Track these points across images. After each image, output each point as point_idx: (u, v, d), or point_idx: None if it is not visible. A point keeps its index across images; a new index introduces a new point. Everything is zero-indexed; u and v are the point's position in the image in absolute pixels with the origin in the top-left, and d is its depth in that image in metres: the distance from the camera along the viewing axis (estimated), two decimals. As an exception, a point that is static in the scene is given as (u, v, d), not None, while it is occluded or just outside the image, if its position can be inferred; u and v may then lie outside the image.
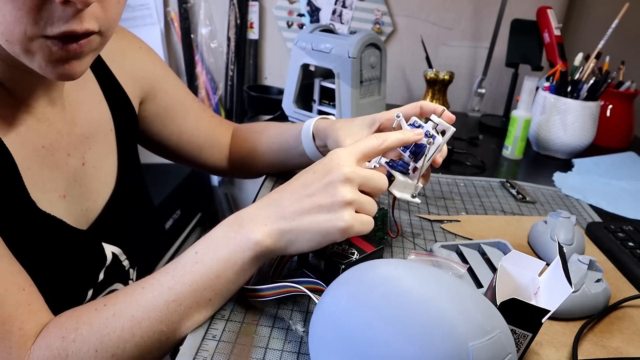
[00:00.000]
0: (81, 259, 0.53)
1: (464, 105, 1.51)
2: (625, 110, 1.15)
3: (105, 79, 0.60)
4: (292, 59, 1.05)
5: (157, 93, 0.68)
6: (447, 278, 0.37)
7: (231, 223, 0.46)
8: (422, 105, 0.58)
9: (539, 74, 1.14)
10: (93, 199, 0.56)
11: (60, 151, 0.52)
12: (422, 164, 0.54)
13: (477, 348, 0.32)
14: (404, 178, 0.55)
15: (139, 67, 0.65)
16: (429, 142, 0.53)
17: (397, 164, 0.55)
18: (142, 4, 1.53)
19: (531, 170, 0.99)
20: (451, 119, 0.55)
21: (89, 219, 0.56)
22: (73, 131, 0.54)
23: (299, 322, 0.48)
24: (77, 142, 0.54)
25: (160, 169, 1.50)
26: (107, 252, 0.56)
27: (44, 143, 0.50)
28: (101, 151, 0.58)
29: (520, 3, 1.38)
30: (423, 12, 1.48)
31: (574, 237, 0.61)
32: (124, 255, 0.59)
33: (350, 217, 0.43)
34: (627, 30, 1.14)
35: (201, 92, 1.63)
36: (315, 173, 0.45)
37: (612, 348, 0.48)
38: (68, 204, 0.52)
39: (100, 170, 0.57)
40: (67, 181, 0.53)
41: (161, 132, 0.70)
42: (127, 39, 0.65)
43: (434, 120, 0.54)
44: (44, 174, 0.49)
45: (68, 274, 0.51)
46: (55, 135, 0.51)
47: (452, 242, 0.62)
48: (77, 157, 0.54)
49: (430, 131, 0.53)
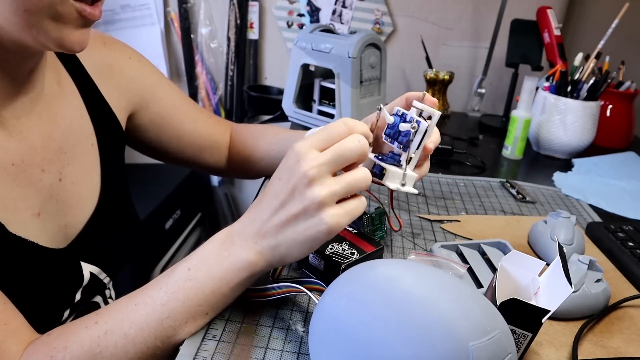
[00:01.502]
0: (57, 279, 0.51)
1: (464, 105, 1.51)
2: (625, 110, 1.15)
3: (89, 93, 0.58)
4: (292, 59, 1.05)
5: (149, 102, 0.67)
6: (447, 278, 0.37)
7: (223, 240, 0.44)
8: (407, 96, 0.56)
9: (539, 74, 1.14)
10: (72, 215, 0.54)
11: (33, 167, 0.50)
12: (410, 151, 0.52)
13: (477, 348, 0.32)
14: (396, 169, 0.53)
15: (127, 79, 0.64)
16: (414, 127, 0.50)
17: (387, 156, 0.54)
18: (142, 4, 1.53)
19: (531, 170, 0.99)
20: (434, 102, 0.53)
21: (69, 235, 0.54)
22: (49, 145, 0.52)
23: (299, 322, 0.48)
24: (53, 157, 0.52)
25: (160, 169, 1.50)
26: (85, 272, 0.55)
27: (14, 160, 0.48)
28: (81, 166, 0.56)
29: (520, 3, 1.38)
30: (423, 12, 1.48)
31: (574, 237, 0.61)
32: (103, 273, 0.58)
33: (331, 216, 0.40)
34: (627, 30, 1.14)
35: (201, 92, 1.63)
36: (281, 179, 0.42)
37: (612, 348, 0.48)
38: (43, 222, 0.51)
39: (80, 186, 0.55)
40: (42, 198, 0.51)
41: (159, 139, 0.70)
42: (117, 50, 0.64)
43: (416, 106, 0.52)
44: (13, 193, 0.47)
45: (42, 295, 0.49)
46: (28, 149, 0.49)
47: (452, 242, 0.62)
48: (53, 173, 0.52)
49: (415, 117, 0.51)
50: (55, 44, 0.42)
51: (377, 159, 0.53)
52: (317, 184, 0.40)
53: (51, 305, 0.51)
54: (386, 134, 0.53)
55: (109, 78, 0.61)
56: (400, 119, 0.52)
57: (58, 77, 0.55)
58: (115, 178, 0.61)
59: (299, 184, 0.40)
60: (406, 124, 0.51)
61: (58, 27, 0.41)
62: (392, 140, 0.53)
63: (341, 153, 0.41)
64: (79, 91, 0.57)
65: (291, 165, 0.41)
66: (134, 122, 0.67)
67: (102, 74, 0.60)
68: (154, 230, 1.41)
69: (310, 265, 0.54)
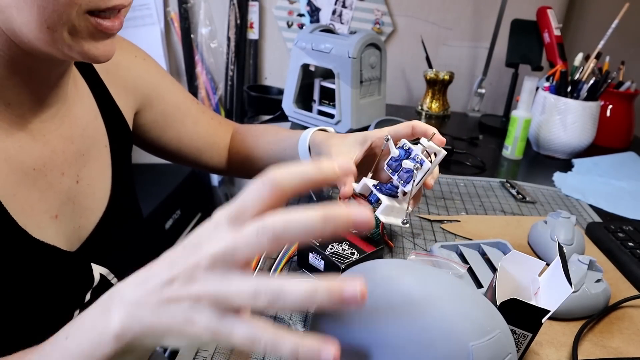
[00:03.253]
0: (69, 281, 0.51)
1: (464, 105, 1.51)
2: (625, 110, 1.15)
3: (100, 93, 0.59)
4: (292, 59, 1.05)
5: (153, 101, 0.67)
6: (447, 278, 0.37)
7: (104, 301, 0.34)
8: (414, 125, 0.56)
9: (539, 74, 1.14)
10: (86, 216, 0.55)
11: (54, 171, 0.50)
12: (411, 189, 0.52)
13: (477, 348, 0.32)
14: (391, 202, 0.53)
15: (133, 77, 0.64)
16: (417, 167, 0.51)
17: (385, 187, 0.54)
18: (142, 4, 1.53)
19: (531, 170, 0.99)
20: (442, 141, 0.53)
21: (81, 236, 0.54)
22: (69, 148, 0.52)
23: (299, 322, 0.48)
24: (73, 160, 0.52)
25: (160, 169, 1.50)
26: (95, 274, 0.55)
27: (35, 165, 0.48)
28: (96, 168, 0.56)
29: (520, 3, 1.38)
30: (423, 12, 1.48)
31: (574, 237, 0.61)
32: (112, 274, 0.58)
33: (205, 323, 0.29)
34: (627, 30, 1.14)
35: (201, 92, 1.63)
36: (185, 248, 0.31)
37: (612, 348, 0.48)
38: (60, 223, 0.51)
39: (94, 188, 0.56)
40: (60, 201, 0.51)
41: (160, 138, 0.70)
42: (122, 49, 0.64)
43: (423, 144, 0.52)
44: (32, 198, 0.47)
45: (55, 296, 0.49)
46: (50, 154, 0.49)
47: (452, 242, 0.62)
48: (72, 176, 0.52)
49: (419, 155, 0.52)
50: (80, 56, 0.43)
51: (376, 189, 0.53)
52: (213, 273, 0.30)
53: (62, 306, 0.51)
54: (388, 164, 0.54)
55: (116, 77, 0.62)
56: (405, 153, 0.53)
57: (74, 78, 0.55)
58: (124, 179, 0.62)
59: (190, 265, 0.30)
60: (410, 162, 0.52)
61: (79, 41, 0.42)
62: (393, 172, 0.53)
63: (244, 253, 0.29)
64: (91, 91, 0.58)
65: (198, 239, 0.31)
66: (137, 121, 0.67)
67: (110, 73, 0.61)
68: (154, 230, 1.41)
69: (310, 266, 0.54)
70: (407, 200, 0.54)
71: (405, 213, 0.54)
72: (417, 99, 1.54)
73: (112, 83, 0.61)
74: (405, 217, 0.54)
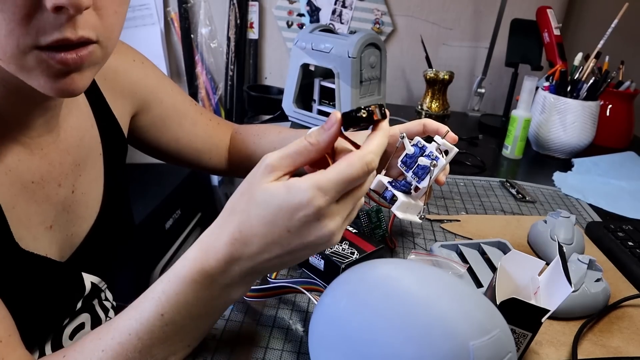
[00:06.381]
0: (60, 291, 0.51)
1: (464, 105, 1.51)
2: (625, 110, 1.15)
3: (96, 101, 0.58)
4: (292, 59, 1.05)
5: (151, 104, 0.67)
6: (447, 278, 0.37)
7: (200, 282, 0.38)
8: (425, 123, 0.58)
9: (538, 74, 1.14)
10: (79, 224, 0.55)
11: (51, 183, 0.50)
12: (427, 185, 0.54)
13: (477, 347, 0.32)
14: (407, 198, 0.54)
15: (131, 82, 0.64)
16: (433, 164, 0.53)
17: (399, 183, 0.55)
18: (142, 4, 1.53)
19: (531, 170, 0.99)
20: (454, 139, 0.56)
21: (73, 244, 0.54)
22: (66, 160, 0.52)
23: (299, 322, 0.48)
24: (69, 171, 0.52)
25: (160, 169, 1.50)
26: (87, 282, 0.55)
27: (34, 178, 0.48)
28: (90, 176, 0.56)
29: (520, 3, 1.38)
30: (423, 12, 1.48)
31: (573, 236, 0.61)
32: (103, 282, 0.59)
33: (337, 238, 0.38)
34: (627, 30, 1.14)
35: (201, 92, 1.63)
36: (290, 231, 0.36)
37: (611, 347, 0.48)
38: (54, 233, 0.50)
39: (88, 196, 0.56)
40: (56, 211, 0.51)
41: (159, 140, 0.70)
42: (120, 53, 0.63)
43: (437, 141, 0.54)
44: (30, 210, 0.47)
45: (46, 306, 0.49)
46: (47, 167, 0.49)
47: (452, 241, 0.62)
48: (68, 186, 0.52)
49: (434, 152, 0.54)
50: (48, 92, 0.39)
51: (391, 185, 0.54)
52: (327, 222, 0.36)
53: (53, 316, 0.51)
54: (402, 161, 0.55)
55: (114, 83, 0.61)
56: (419, 150, 0.55)
57: None
58: (117, 186, 0.61)
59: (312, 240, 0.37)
60: (426, 159, 0.53)
61: (36, 78, 0.37)
62: (407, 168, 0.55)
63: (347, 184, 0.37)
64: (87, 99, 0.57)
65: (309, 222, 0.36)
66: (135, 124, 0.67)
67: (108, 79, 0.60)
68: (154, 230, 1.41)
69: (310, 265, 0.54)
70: (420, 196, 0.56)
71: (420, 209, 0.56)
72: (417, 99, 1.54)
73: (109, 89, 0.60)
74: (421, 212, 0.56)
